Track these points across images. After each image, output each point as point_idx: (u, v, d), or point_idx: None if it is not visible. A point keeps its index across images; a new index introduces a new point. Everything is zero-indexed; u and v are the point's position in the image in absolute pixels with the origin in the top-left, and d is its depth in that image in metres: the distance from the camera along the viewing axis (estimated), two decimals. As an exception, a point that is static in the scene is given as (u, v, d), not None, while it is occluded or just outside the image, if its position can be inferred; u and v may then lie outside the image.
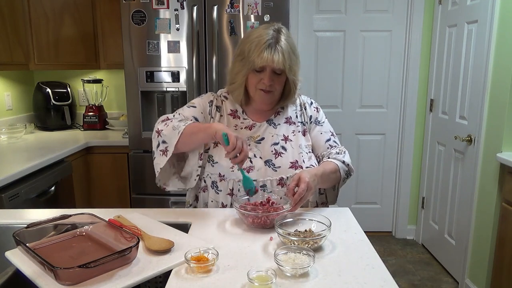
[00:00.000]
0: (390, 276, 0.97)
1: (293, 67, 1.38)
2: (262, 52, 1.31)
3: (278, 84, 1.39)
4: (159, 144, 1.39)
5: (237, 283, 0.93)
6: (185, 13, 2.43)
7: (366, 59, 3.25)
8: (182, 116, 1.45)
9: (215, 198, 1.44)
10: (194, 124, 1.37)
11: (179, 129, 1.34)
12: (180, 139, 1.33)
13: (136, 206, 2.57)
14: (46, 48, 2.80)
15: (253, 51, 1.32)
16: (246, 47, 1.35)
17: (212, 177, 1.43)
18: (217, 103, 1.49)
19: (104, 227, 1.13)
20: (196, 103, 1.49)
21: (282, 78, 1.39)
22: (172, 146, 1.35)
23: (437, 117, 3.05)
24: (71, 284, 0.89)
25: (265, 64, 1.32)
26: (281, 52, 1.32)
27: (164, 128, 1.38)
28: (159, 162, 1.39)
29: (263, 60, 1.31)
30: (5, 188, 1.81)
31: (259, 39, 1.33)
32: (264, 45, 1.31)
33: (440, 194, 2.97)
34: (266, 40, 1.32)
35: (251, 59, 1.33)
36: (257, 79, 1.37)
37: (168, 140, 1.36)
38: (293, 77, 1.40)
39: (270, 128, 1.46)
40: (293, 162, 1.41)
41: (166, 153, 1.36)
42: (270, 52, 1.31)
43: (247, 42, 1.36)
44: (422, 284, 2.73)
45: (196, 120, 1.45)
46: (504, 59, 2.21)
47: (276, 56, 1.31)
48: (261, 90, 1.38)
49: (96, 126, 3.12)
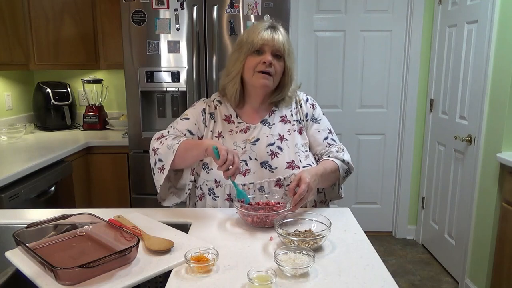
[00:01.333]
0: (390, 276, 0.97)
1: (291, 55, 1.38)
2: (261, 32, 1.33)
3: (277, 67, 1.36)
4: (156, 162, 1.40)
5: (237, 283, 0.93)
6: (185, 13, 2.43)
7: (366, 59, 3.25)
8: (176, 130, 1.45)
9: (213, 205, 1.43)
10: (187, 141, 1.37)
11: (173, 147, 1.35)
12: (175, 158, 1.34)
13: (136, 206, 2.57)
14: (46, 48, 2.80)
15: (251, 35, 1.33)
16: (244, 36, 1.37)
17: (208, 184, 1.42)
18: (210, 110, 1.48)
19: (104, 227, 1.13)
20: (189, 114, 1.49)
21: (280, 63, 1.37)
22: (168, 165, 1.36)
23: (437, 117, 3.06)
24: (71, 284, 0.89)
25: (265, 42, 1.32)
26: (280, 34, 1.34)
27: (159, 147, 1.39)
28: (158, 179, 1.41)
29: (263, 38, 1.32)
30: (5, 188, 1.81)
31: (256, 26, 1.35)
32: (262, 28, 1.34)
33: (440, 194, 2.97)
34: (263, 25, 1.35)
35: (249, 40, 1.33)
36: (256, 61, 1.34)
37: (164, 159, 1.37)
38: (291, 65, 1.40)
39: (265, 128, 1.44)
40: (290, 162, 1.39)
41: (163, 171, 1.38)
42: (269, 33, 1.33)
43: (244, 33, 1.39)
44: (422, 284, 2.73)
45: (190, 133, 1.45)
46: (504, 59, 2.21)
47: (277, 36, 1.33)
48: (260, 72, 1.35)
49: (96, 126, 3.12)
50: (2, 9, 2.46)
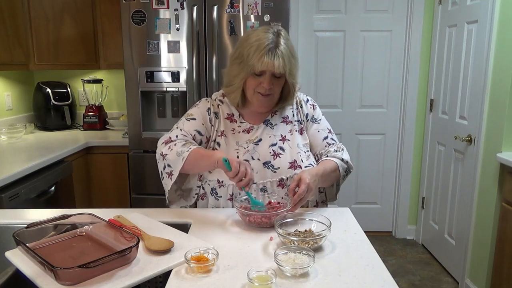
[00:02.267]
0: (390, 276, 0.97)
1: (292, 71, 1.36)
2: (262, 57, 1.29)
3: (277, 87, 1.38)
4: (165, 166, 1.40)
5: (237, 283, 0.93)
6: (185, 13, 2.43)
7: (366, 59, 3.25)
8: (184, 132, 1.43)
9: (215, 205, 1.43)
10: (197, 151, 1.35)
11: (183, 155, 1.34)
12: (184, 165, 1.34)
13: (136, 206, 2.57)
14: (46, 48, 2.80)
15: (253, 56, 1.30)
16: (245, 50, 1.33)
17: (210, 183, 1.42)
18: (214, 109, 1.48)
19: (104, 227, 1.13)
20: (195, 114, 1.47)
21: (281, 81, 1.38)
22: (177, 172, 1.36)
23: (437, 117, 3.06)
24: (71, 284, 0.89)
25: (265, 68, 1.30)
26: (281, 57, 1.30)
27: (168, 152, 1.38)
28: (167, 183, 1.41)
29: (263, 64, 1.29)
30: (5, 188, 1.81)
31: (258, 43, 1.30)
32: (264, 50, 1.29)
33: (440, 194, 2.97)
34: (266, 44, 1.30)
35: (250, 63, 1.31)
36: (256, 82, 1.35)
37: (173, 165, 1.37)
38: (292, 80, 1.39)
39: (268, 129, 1.45)
40: (292, 162, 1.40)
41: (171, 177, 1.38)
42: (270, 56, 1.29)
43: (246, 45, 1.34)
44: (422, 284, 2.73)
45: (199, 134, 1.44)
46: (504, 59, 2.21)
47: (277, 61, 1.29)
48: (259, 93, 1.37)
49: (96, 126, 3.11)
50: (2, 9, 2.46)
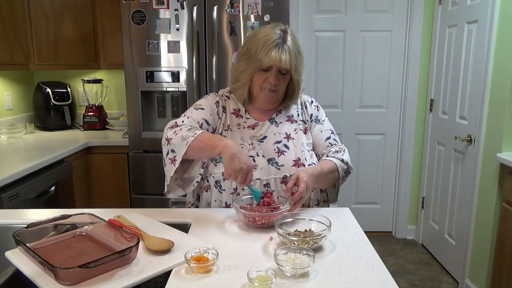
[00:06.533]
0: (390, 276, 0.97)
1: (298, 67, 1.40)
2: (270, 51, 1.32)
3: (282, 84, 1.41)
4: (168, 152, 1.38)
5: (237, 283, 0.93)
6: (185, 13, 2.43)
7: (366, 59, 3.25)
8: (191, 120, 1.43)
9: (219, 198, 1.44)
10: (202, 138, 1.32)
11: (187, 139, 1.32)
12: (188, 150, 1.32)
13: (136, 206, 2.57)
14: (46, 48, 2.80)
15: (261, 50, 1.33)
16: (253, 46, 1.36)
17: (215, 176, 1.43)
18: (222, 103, 1.50)
19: (104, 227, 1.13)
20: (204, 104, 1.48)
21: (286, 77, 1.41)
22: (180, 157, 1.34)
23: (437, 117, 3.05)
24: (71, 284, 0.89)
25: (272, 63, 1.33)
26: (288, 52, 1.34)
27: (173, 137, 1.37)
28: (169, 170, 1.39)
29: (271, 59, 1.32)
30: (5, 188, 1.81)
31: (266, 38, 1.34)
32: (271, 45, 1.32)
33: (440, 194, 2.97)
34: (273, 39, 1.33)
35: (258, 57, 1.34)
36: (262, 78, 1.38)
37: (177, 150, 1.35)
38: (298, 77, 1.42)
39: (273, 126, 1.47)
40: (296, 160, 1.42)
41: (174, 162, 1.36)
42: (277, 51, 1.32)
43: (254, 41, 1.37)
44: (422, 284, 2.73)
45: (206, 123, 1.44)
46: (504, 59, 2.21)
47: (284, 56, 1.33)
48: (265, 89, 1.39)
49: (96, 126, 3.11)
50: (2, 9, 2.46)
